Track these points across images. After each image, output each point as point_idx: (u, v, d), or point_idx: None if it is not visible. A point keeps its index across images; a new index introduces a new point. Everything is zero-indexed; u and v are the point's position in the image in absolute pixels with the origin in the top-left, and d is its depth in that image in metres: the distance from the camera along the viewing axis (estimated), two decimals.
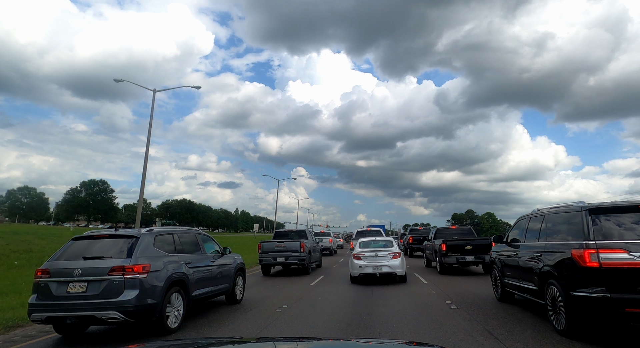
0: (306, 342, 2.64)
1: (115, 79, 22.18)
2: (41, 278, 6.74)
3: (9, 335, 7.30)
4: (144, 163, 22.15)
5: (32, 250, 22.20)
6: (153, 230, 7.70)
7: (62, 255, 7.07)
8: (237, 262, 10.32)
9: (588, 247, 5.66)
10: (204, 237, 9.43)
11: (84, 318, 6.58)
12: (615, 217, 5.92)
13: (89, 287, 6.56)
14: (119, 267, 6.62)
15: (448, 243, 15.95)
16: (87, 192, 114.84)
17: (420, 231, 31.69)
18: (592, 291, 5.54)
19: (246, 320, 8.05)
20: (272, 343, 2.41)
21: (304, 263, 16.93)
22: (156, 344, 2.25)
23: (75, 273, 6.62)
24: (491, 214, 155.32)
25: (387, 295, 10.68)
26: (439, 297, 10.11)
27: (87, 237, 7.40)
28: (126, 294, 6.52)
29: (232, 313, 8.83)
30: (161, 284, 7.00)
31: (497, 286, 9.70)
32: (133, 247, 7.00)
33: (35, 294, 6.74)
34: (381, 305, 9.28)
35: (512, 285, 8.59)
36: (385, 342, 2.36)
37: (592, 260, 5.56)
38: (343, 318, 7.91)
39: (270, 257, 16.93)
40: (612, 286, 5.41)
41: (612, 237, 5.70)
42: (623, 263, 5.40)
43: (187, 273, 7.82)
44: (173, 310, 7.29)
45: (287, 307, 9.24)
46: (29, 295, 6.94)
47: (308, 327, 7.40)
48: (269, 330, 7.18)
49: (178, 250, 8.05)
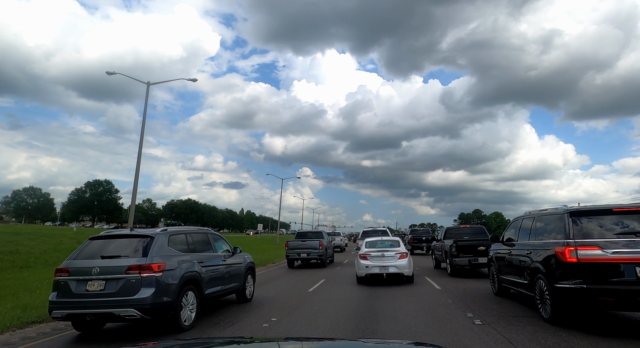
0: (311, 342, 2.67)
1: (108, 72, 22.33)
2: (61, 277, 6.94)
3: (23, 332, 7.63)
4: (137, 160, 20.95)
5: (19, 251, 21.82)
6: (167, 230, 7.90)
7: (80, 254, 7.27)
8: (247, 261, 10.52)
9: (568, 244, 6.56)
10: (215, 237, 9.65)
11: (103, 316, 6.80)
12: (593, 218, 6.82)
13: (107, 285, 6.76)
14: (135, 265, 6.81)
15: (459, 244, 15.13)
16: (91, 192, 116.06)
17: (420, 231, 36.32)
18: (571, 283, 6.43)
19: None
20: (276, 343, 2.43)
21: (322, 258, 20.73)
22: (170, 343, 2.31)
23: (94, 271, 6.82)
24: (499, 214, 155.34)
25: (396, 304, 9.48)
26: (457, 308, 8.96)
27: (103, 237, 7.61)
28: (143, 292, 6.70)
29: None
30: (176, 282, 7.17)
31: (495, 282, 10.58)
32: (148, 246, 7.19)
33: (55, 292, 6.95)
34: (389, 317, 8.16)
35: (508, 280, 9.46)
36: (391, 342, 2.38)
37: (571, 256, 6.45)
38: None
39: (295, 253, 20.77)
40: (588, 278, 6.30)
41: (589, 236, 6.59)
42: (597, 258, 6.29)
43: (199, 272, 7.98)
44: (187, 308, 7.47)
45: (276, 321, 8.17)
46: (9, 301, 7.01)
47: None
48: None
49: (191, 250, 8.23)
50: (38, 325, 8.22)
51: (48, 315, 7.68)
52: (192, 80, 25.69)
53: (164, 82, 27.63)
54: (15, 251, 21.81)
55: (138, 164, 22.17)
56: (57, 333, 7.61)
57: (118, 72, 23.35)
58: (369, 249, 13.83)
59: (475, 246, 14.99)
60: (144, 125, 22.73)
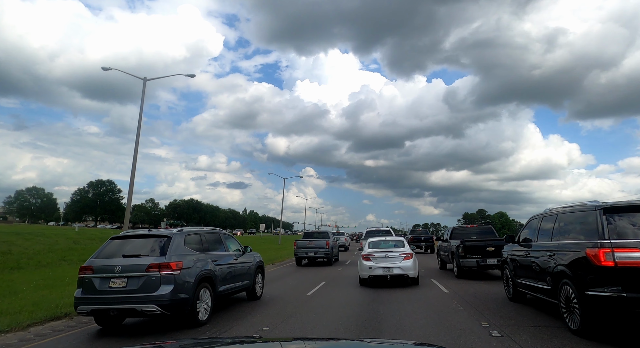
0: (315, 342, 2.62)
1: (104, 67, 21.97)
2: (85, 274, 7.30)
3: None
4: (134, 158, 22.03)
5: (11, 251, 21.36)
6: (183, 231, 8.21)
7: (101, 253, 7.64)
8: (257, 260, 10.77)
9: (603, 246, 5.66)
10: (226, 236, 9.95)
11: (125, 311, 7.12)
12: (630, 216, 5.91)
13: (129, 282, 7.10)
14: (155, 264, 7.16)
15: (467, 245, 14.43)
16: (94, 192, 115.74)
17: (419, 232, 39.05)
18: (607, 290, 5.53)
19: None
20: (279, 343, 2.38)
21: (328, 256, 21.79)
22: (187, 341, 2.32)
23: (116, 270, 7.16)
24: (503, 214, 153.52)
25: (401, 311, 8.60)
26: (470, 316, 8.05)
27: (123, 237, 8.02)
28: (162, 289, 7.03)
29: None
30: (192, 280, 7.50)
31: (509, 286, 9.69)
32: (166, 246, 7.52)
33: (80, 289, 7.31)
34: (395, 326, 7.37)
35: (525, 285, 8.57)
36: (395, 342, 2.34)
37: (607, 259, 5.55)
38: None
39: (303, 252, 21.78)
40: (628, 285, 5.40)
41: (626, 236, 5.69)
42: (639, 262, 5.38)
43: (213, 270, 8.31)
44: (202, 304, 7.78)
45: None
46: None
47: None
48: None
49: (205, 249, 8.53)
50: (5, 335, 7.43)
51: (23, 323, 7.73)
52: (190, 75, 25.13)
53: (161, 78, 26.96)
54: (8, 251, 21.30)
55: (134, 162, 21.71)
56: (25, 345, 6.91)
57: (114, 68, 22.82)
58: (372, 250, 13.20)
59: (484, 246, 14.31)
60: (140, 121, 22.11)
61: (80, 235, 34.88)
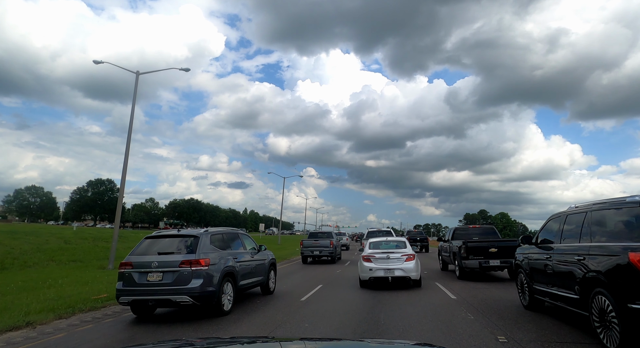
0: (316, 342, 2.61)
1: (95, 61, 21.55)
2: (125, 269, 8.17)
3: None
4: (125, 153, 21.34)
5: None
6: (208, 231, 9.05)
7: (137, 250, 8.49)
8: (270, 257, 11.66)
9: None
10: (244, 236, 10.87)
11: (162, 302, 8.04)
12: None
13: (164, 276, 7.95)
14: (187, 260, 8.00)
15: (469, 246, 14.03)
16: (93, 191, 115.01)
17: (415, 232, 40.54)
18: None
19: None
20: (278, 343, 2.32)
21: (332, 255, 23.41)
22: (213, 340, 2.34)
23: (153, 265, 8.01)
24: (505, 214, 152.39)
25: (405, 321, 7.70)
26: (483, 327, 7.12)
27: (156, 237, 8.87)
28: (193, 283, 7.87)
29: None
30: (218, 275, 8.32)
31: (524, 292, 8.71)
32: (194, 244, 8.36)
33: (120, 282, 8.17)
34: (398, 338, 6.54)
35: (543, 291, 7.60)
36: (396, 342, 2.31)
37: None
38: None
39: (308, 251, 23.29)
40: None
41: None
42: None
43: (235, 266, 9.13)
44: (226, 296, 8.63)
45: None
46: None
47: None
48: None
49: (226, 247, 9.42)
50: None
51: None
52: (185, 70, 24.28)
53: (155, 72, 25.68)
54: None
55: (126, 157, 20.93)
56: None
57: (106, 61, 22.07)
58: (373, 251, 12.65)
59: (487, 247, 13.89)
60: (133, 116, 21.33)
61: (75, 235, 33.97)
